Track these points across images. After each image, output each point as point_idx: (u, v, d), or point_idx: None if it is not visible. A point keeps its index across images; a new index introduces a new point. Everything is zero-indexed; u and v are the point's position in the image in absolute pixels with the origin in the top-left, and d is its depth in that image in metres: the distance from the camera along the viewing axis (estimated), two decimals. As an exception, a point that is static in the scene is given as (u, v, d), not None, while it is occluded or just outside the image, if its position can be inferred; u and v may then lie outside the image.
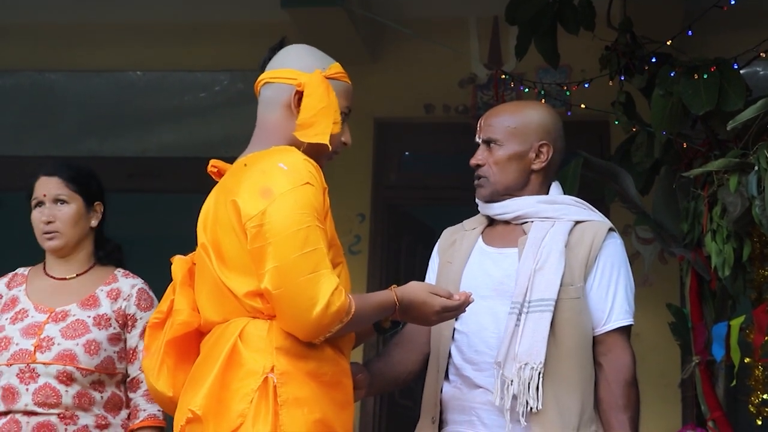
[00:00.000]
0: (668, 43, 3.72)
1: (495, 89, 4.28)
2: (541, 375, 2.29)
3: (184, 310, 2.15)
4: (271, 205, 2.02)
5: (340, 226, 5.82)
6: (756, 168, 3.29)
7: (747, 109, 3.36)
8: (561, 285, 2.35)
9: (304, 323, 1.99)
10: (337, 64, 2.24)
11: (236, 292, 2.06)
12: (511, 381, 2.29)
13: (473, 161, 2.52)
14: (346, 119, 2.25)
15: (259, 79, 2.24)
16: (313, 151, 2.15)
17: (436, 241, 2.63)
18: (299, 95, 2.17)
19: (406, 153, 5.15)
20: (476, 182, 2.53)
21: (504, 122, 2.50)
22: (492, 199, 2.51)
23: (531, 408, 2.28)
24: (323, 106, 2.13)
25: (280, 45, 2.26)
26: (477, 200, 2.56)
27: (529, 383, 2.28)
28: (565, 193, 2.59)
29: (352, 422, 2.13)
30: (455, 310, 2.23)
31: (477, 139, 2.53)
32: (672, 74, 3.61)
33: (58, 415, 2.63)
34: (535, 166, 2.51)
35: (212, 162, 2.25)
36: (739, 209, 3.33)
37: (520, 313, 2.34)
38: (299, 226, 2.01)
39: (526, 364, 2.30)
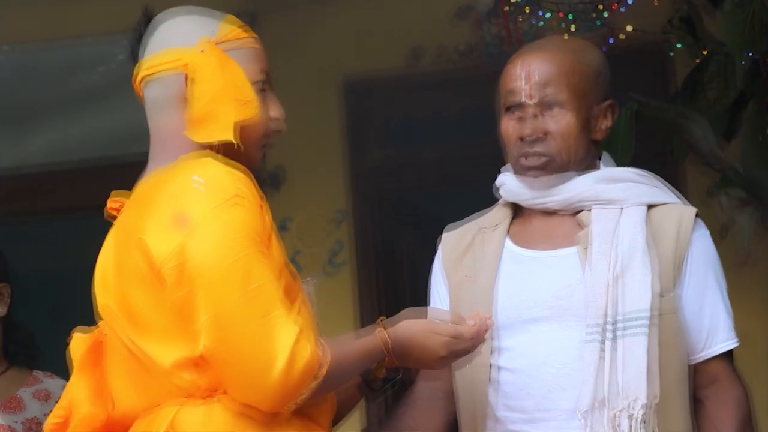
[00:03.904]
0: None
1: (505, 18, 4.27)
2: (654, 413, 2.30)
3: (85, 401, 2.16)
4: (191, 235, 2.03)
5: (311, 233, 5.85)
6: None
7: None
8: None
9: (263, 389, 2.00)
10: (231, 17, 2.24)
11: (160, 364, 2.07)
12: None
13: (528, 133, 2.45)
14: (268, 88, 2.24)
15: (135, 76, 2.25)
16: (233, 150, 2.15)
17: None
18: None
19: (393, 120, 5.16)
20: (528, 162, 2.47)
21: (570, 76, 2.47)
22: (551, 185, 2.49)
23: None
24: (219, 87, 2.14)
25: (146, 20, 2.25)
26: (516, 180, 2.52)
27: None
28: (617, 158, 2.59)
29: None
30: (468, 352, 2.24)
31: (523, 99, 2.48)
32: (747, -28, 3.60)
33: None
34: (598, 136, 2.52)
35: (112, 197, 2.25)
36: None
37: (603, 340, 2.35)
38: (234, 257, 2.02)
39: (627, 407, 2.32)
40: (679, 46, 3.96)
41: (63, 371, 2.35)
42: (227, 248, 2.02)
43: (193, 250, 2.03)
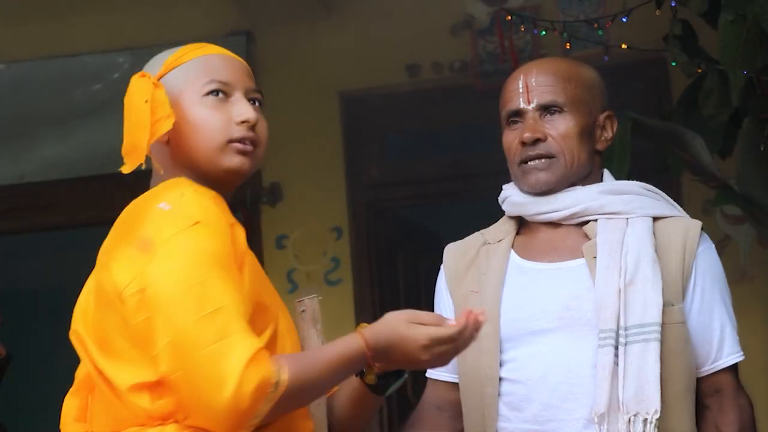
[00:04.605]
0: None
1: (499, 34, 4.27)
2: (655, 427, 2.31)
3: (72, 422, 2.19)
4: (151, 261, 2.04)
5: (308, 248, 5.80)
6: None
7: None
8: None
9: (214, 413, 1.99)
10: (195, 44, 2.24)
11: (117, 387, 2.07)
12: None
13: (531, 134, 2.48)
14: (230, 93, 2.21)
15: None
16: (208, 165, 2.17)
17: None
18: None
19: (390, 135, 5.17)
20: (531, 164, 2.49)
21: (566, 82, 2.51)
22: (553, 190, 2.50)
23: None
24: (135, 116, 2.14)
25: None
26: (520, 192, 2.53)
27: None
28: (613, 172, 2.60)
29: None
30: (454, 341, 2.12)
31: (522, 105, 2.51)
32: (743, -11, 3.60)
33: None
34: (600, 146, 2.55)
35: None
36: None
37: (617, 345, 2.37)
38: (190, 281, 2.02)
39: (636, 415, 2.33)
40: (674, 64, 3.95)
41: (63, 381, 2.34)
42: (185, 273, 2.01)
43: (152, 275, 2.02)
